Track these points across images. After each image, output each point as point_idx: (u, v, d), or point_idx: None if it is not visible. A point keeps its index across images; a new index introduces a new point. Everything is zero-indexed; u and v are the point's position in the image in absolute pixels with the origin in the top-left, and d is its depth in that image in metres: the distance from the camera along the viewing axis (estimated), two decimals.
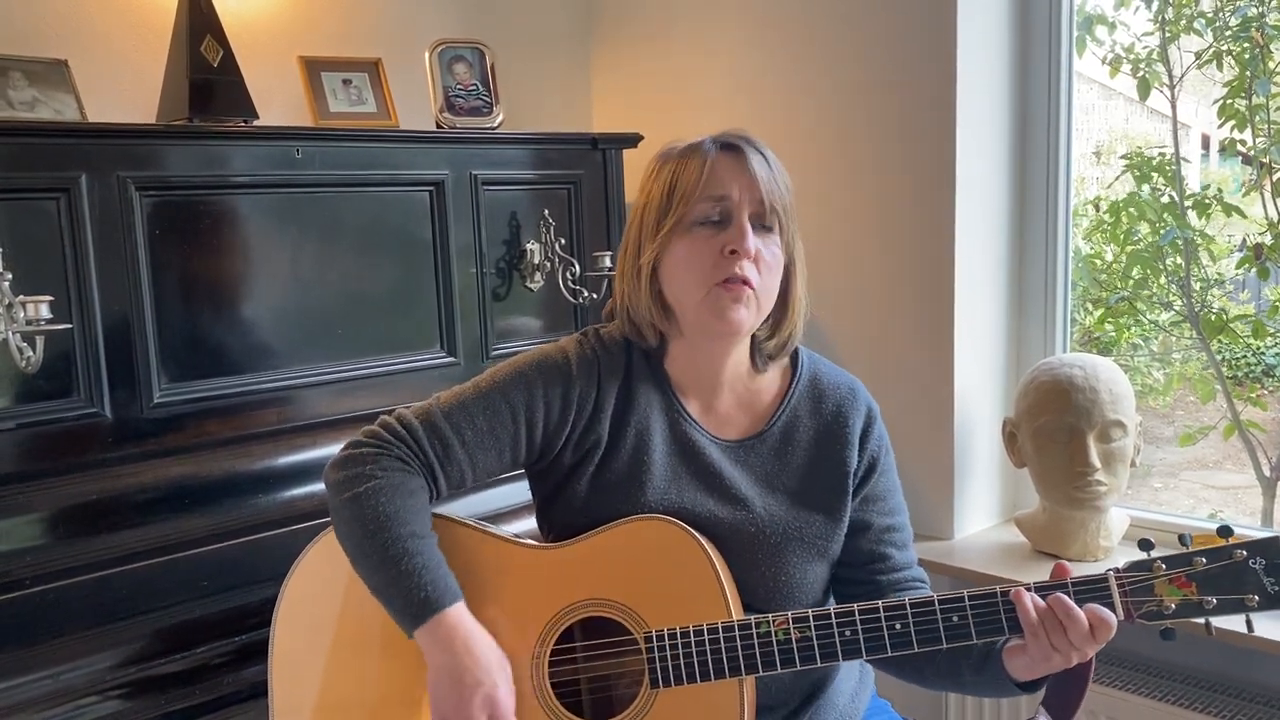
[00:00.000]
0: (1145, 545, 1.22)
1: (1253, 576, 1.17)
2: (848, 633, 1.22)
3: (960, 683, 1.32)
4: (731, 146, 1.32)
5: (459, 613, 1.22)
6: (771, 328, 1.37)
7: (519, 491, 1.90)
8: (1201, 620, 1.20)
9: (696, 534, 1.27)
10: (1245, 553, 1.17)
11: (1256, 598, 1.16)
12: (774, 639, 1.22)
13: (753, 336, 1.38)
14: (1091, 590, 1.19)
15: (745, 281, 1.28)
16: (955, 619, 1.21)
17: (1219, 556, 1.18)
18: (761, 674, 1.24)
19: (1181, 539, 1.23)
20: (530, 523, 1.79)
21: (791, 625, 1.23)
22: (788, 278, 1.36)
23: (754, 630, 1.23)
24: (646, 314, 1.35)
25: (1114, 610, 1.18)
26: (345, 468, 1.29)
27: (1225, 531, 1.20)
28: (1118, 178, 2.41)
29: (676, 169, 1.32)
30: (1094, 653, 1.20)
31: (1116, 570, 1.20)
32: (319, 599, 1.33)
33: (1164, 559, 1.19)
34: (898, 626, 1.21)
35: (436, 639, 1.21)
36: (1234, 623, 1.25)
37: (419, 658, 1.25)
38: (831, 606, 1.24)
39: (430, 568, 1.22)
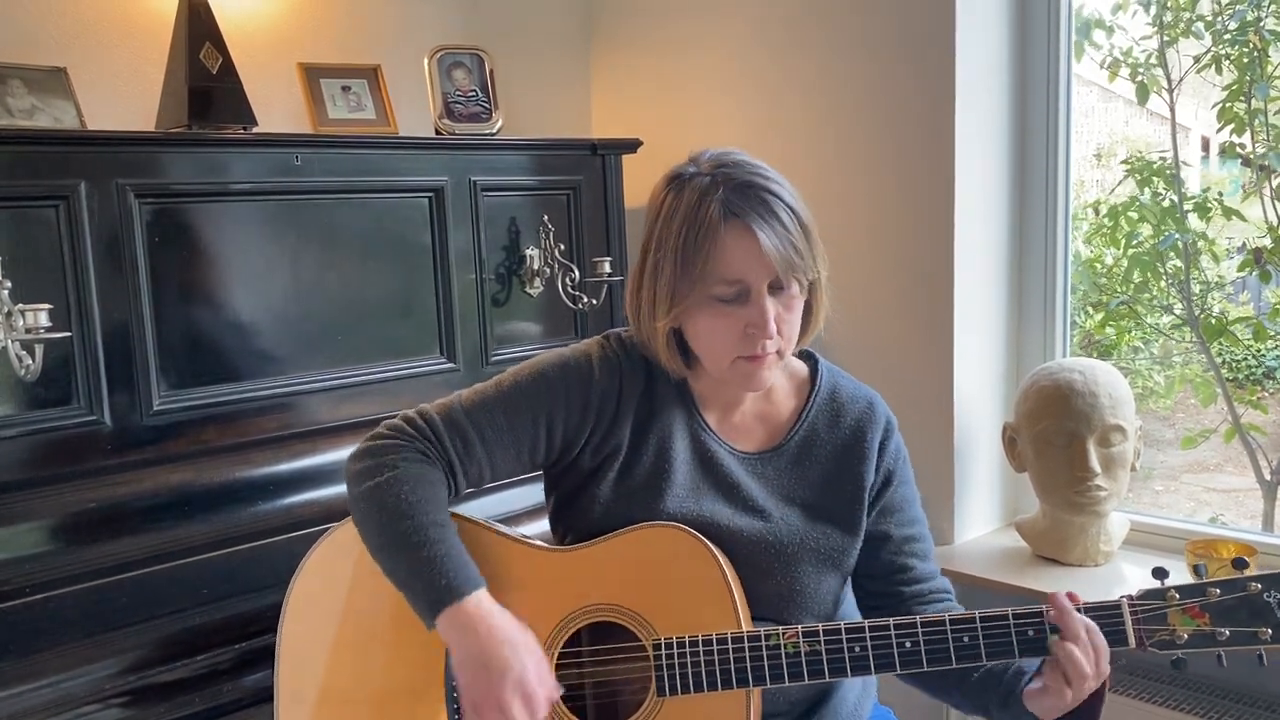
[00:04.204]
0: (1159, 573, 1.20)
1: (1267, 610, 1.15)
2: (857, 648, 1.22)
3: (990, 717, 1.32)
4: (737, 215, 1.23)
5: (481, 598, 1.21)
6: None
7: (532, 494, 1.90)
8: (1214, 651, 1.18)
9: (709, 543, 1.27)
10: (1260, 586, 1.16)
11: (1269, 632, 1.15)
12: (783, 652, 1.22)
13: None
14: (1104, 616, 1.19)
15: (770, 353, 1.28)
16: (965, 639, 1.20)
17: (1233, 588, 1.17)
18: (769, 686, 1.23)
19: (1197, 569, 1.22)
20: (538, 525, 1.79)
21: (801, 639, 1.22)
22: (813, 292, 1.34)
23: (763, 642, 1.22)
24: (668, 361, 1.34)
25: (1126, 637, 1.18)
26: (366, 458, 1.29)
27: (1240, 564, 1.19)
28: (1120, 183, 2.40)
29: (685, 236, 1.25)
30: (1095, 685, 1.18)
31: (1130, 597, 1.20)
32: (330, 591, 1.33)
33: (1178, 588, 1.18)
34: (908, 644, 1.21)
35: (460, 626, 1.19)
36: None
37: (426, 653, 1.25)
38: (842, 622, 1.24)
39: (452, 555, 1.22)
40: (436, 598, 1.20)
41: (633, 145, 2.35)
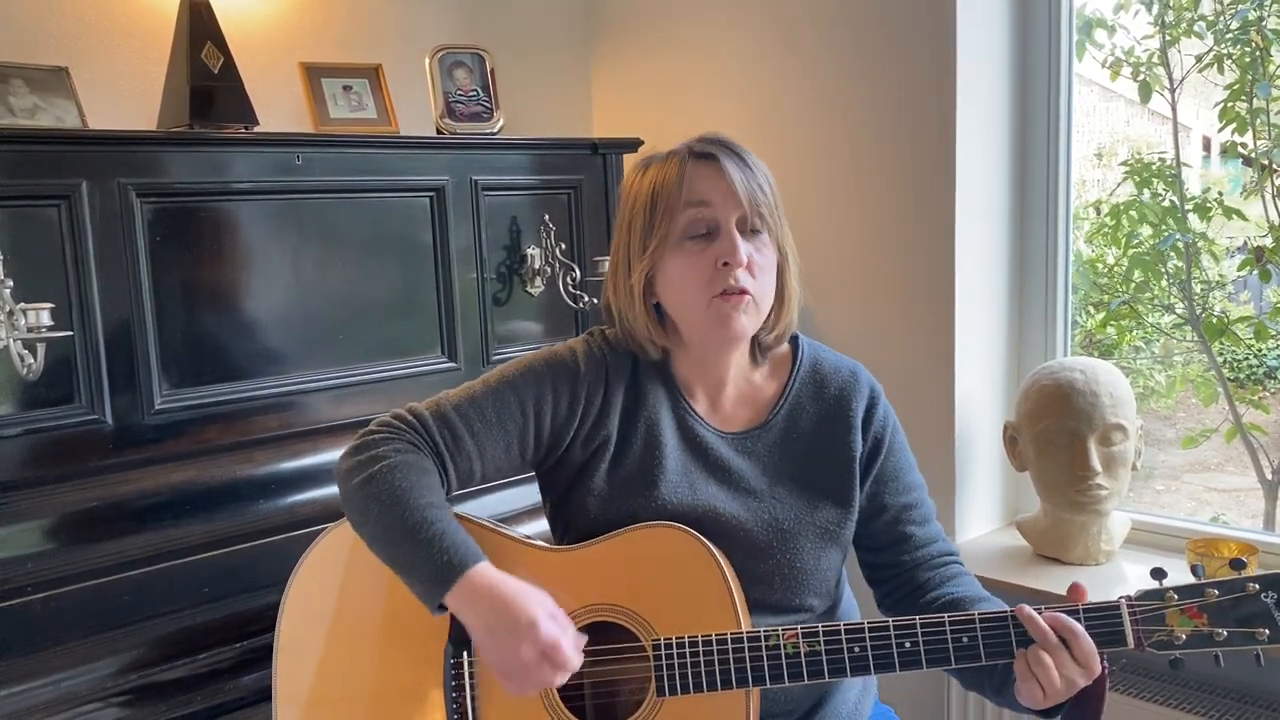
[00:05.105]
0: (1158, 574, 1.21)
1: (1265, 611, 1.16)
2: (856, 649, 1.22)
3: (988, 699, 1.33)
4: (705, 154, 1.31)
5: (485, 570, 1.21)
6: (770, 323, 1.38)
7: (530, 494, 1.90)
8: (1211, 652, 1.18)
9: (709, 543, 1.27)
10: (1258, 586, 1.17)
11: (1267, 632, 1.16)
12: (783, 652, 1.22)
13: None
14: (1103, 617, 1.19)
15: (743, 290, 1.29)
16: (965, 640, 1.21)
17: (1232, 589, 1.17)
18: (769, 686, 1.23)
19: (1195, 569, 1.23)
20: (536, 526, 1.79)
21: (801, 639, 1.22)
22: (781, 272, 1.36)
23: (763, 642, 1.22)
24: (645, 330, 1.36)
25: (1124, 638, 1.18)
26: (357, 454, 1.30)
27: (1238, 564, 1.20)
28: (1119, 184, 2.40)
29: (655, 183, 1.32)
30: (1084, 683, 1.18)
31: (1128, 598, 1.20)
32: (327, 590, 1.34)
33: (1176, 589, 1.19)
34: (907, 645, 1.21)
35: (467, 599, 1.19)
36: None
37: (424, 651, 1.25)
38: (842, 622, 1.24)
39: (450, 533, 1.22)
40: (441, 576, 1.19)
41: (633, 144, 2.35)
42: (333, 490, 1.81)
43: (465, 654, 1.28)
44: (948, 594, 1.37)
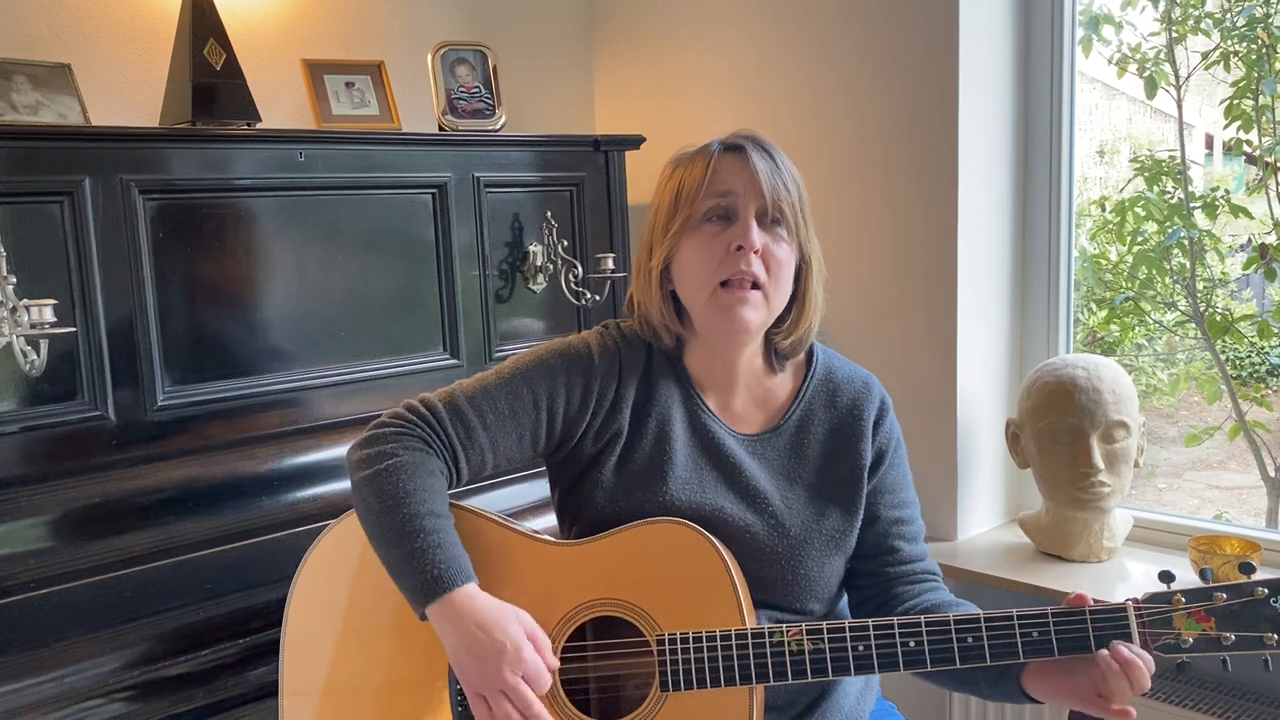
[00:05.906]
0: (1166, 577, 1.21)
1: (1273, 616, 1.16)
2: (861, 647, 1.22)
3: (977, 693, 1.33)
4: (735, 146, 1.34)
5: (470, 592, 1.21)
6: (787, 328, 1.38)
7: (537, 489, 1.91)
8: (1219, 656, 1.18)
9: (713, 539, 1.27)
10: (1266, 591, 1.16)
11: (1275, 637, 1.16)
12: (786, 649, 1.22)
13: (767, 336, 1.39)
14: (1110, 620, 1.19)
15: (753, 281, 1.29)
16: (970, 640, 1.21)
17: (1239, 593, 1.17)
18: (772, 684, 1.23)
19: (1203, 574, 1.22)
20: (543, 521, 1.80)
21: (805, 636, 1.22)
22: (803, 277, 1.37)
23: (767, 640, 1.23)
24: (660, 316, 1.37)
25: (1131, 640, 1.18)
26: (368, 446, 1.30)
27: (1247, 568, 1.20)
28: (1129, 181, 2.40)
29: (684, 172, 1.34)
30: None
31: (1135, 601, 1.20)
32: (333, 585, 1.34)
33: (1184, 592, 1.19)
34: (912, 644, 1.21)
35: (448, 618, 1.20)
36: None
37: (429, 644, 1.25)
38: (846, 620, 1.24)
39: (445, 546, 1.22)
40: (426, 589, 1.20)
41: (636, 141, 2.35)
42: (335, 486, 1.83)
43: None
44: (925, 602, 1.37)
